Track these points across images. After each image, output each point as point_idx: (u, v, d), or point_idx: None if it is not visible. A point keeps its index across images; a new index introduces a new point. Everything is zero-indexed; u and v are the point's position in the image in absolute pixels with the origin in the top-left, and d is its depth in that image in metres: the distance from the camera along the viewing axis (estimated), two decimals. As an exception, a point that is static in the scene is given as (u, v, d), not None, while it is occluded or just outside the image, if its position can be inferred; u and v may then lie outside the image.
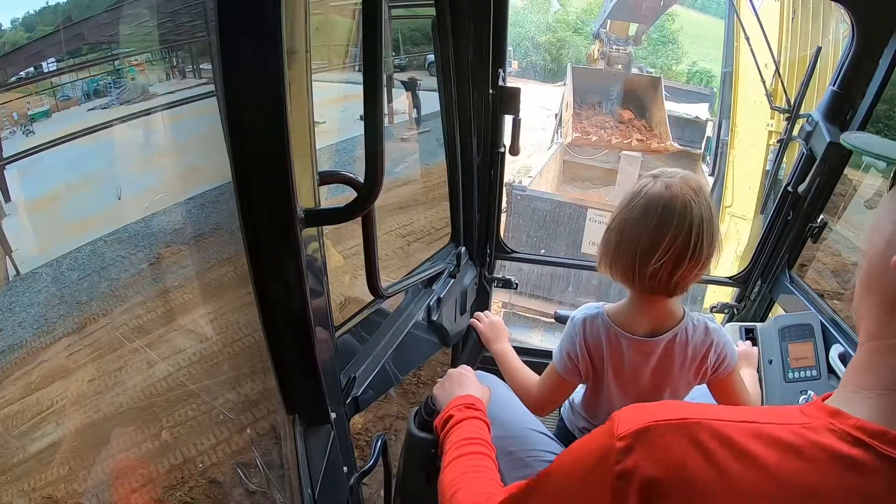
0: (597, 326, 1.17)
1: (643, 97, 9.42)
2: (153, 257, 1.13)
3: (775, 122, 4.65)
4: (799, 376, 1.63)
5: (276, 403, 0.96)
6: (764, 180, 4.67)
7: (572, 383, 1.23)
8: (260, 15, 0.68)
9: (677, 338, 1.14)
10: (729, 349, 1.18)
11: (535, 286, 7.03)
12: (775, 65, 3.15)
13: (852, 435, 0.51)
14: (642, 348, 1.15)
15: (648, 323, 1.15)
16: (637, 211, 1.04)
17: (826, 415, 0.54)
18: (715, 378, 1.19)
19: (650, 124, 9.29)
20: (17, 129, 0.83)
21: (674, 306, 1.15)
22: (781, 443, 0.52)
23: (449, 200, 1.79)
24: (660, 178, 1.06)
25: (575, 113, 9.06)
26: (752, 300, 2.07)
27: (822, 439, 0.51)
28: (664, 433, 0.55)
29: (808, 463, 0.51)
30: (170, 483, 1.20)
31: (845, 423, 0.52)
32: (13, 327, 0.90)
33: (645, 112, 9.41)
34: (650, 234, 1.03)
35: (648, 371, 1.16)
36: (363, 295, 1.18)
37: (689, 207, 1.02)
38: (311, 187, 0.83)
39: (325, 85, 1.77)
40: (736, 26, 5.31)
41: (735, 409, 0.60)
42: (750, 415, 0.56)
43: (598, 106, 9.39)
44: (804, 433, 0.52)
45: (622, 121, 9.31)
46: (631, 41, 9.32)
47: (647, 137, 9.05)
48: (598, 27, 9.63)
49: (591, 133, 8.87)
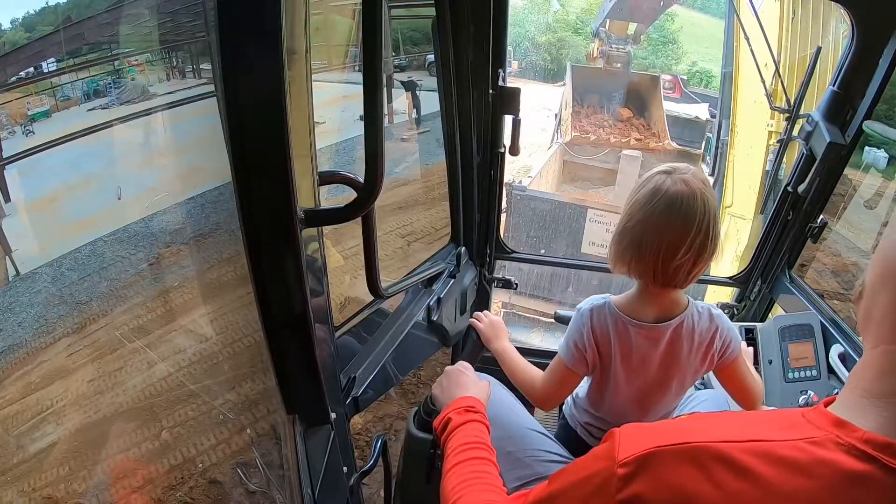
0: (604, 315, 1.18)
1: (642, 96, 9.48)
2: (153, 257, 1.13)
3: (775, 122, 4.63)
4: (799, 376, 1.63)
5: (276, 403, 0.96)
6: (764, 180, 4.67)
7: (579, 375, 1.24)
8: (260, 15, 0.68)
9: (684, 324, 1.16)
10: (733, 334, 1.20)
11: (535, 286, 7.02)
12: (775, 65, 3.16)
13: (858, 448, 0.49)
14: (650, 334, 1.16)
15: (655, 311, 1.16)
16: (660, 208, 1.05)
17: (831, 425, 0.52)
18: (721, 363, 1.20)
19: (649, 122, 9.36)
20: (17, 129, 0.83)
21: (679, 295, 1.17)
22: (787, 461, 0.51)
23: (449, 200, 1.79)
24: (673, 174, 1.07)
25: (574, 111, 9.12)
26: (752, 300, 2.07)
27: (828, 455, 0.50)
28: (668, 459, 0.54)
29: (815, 481, 0.49)
30: (170, 483, 1.20)
31: (852, 436, 0.50)
32: (13, 327, 0.90)
33: (644, 110, 9.47)
34: (677, 231, 1.05)
35: (657, 358, 1.17)
36: (363, 295, 1.18)
37: (706, 202, 1.05)
38: (311, 187, 0.83)
39: (325, 85, 1.77)
40: (736, 26, 5.31)
41: (739, 422, 0.58)
42: (755, 431, 0.54)
43: (597, 104, 9.45)
44: (810, 449, 0.51)
45: (621, 119, 9.37)
46: (630, 40, 9.34)
47: (646, 136, 9.12)
48: (597, 26, 9.66)
49: (589, 132, 8.94)
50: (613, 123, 9.25)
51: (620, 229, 1.12)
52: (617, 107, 9.43)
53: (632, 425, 0.61)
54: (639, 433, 0.58)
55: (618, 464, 0.55)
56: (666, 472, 0.53)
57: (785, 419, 0.56)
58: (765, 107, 4.30)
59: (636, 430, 0.59)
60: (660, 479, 0.53)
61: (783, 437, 0.52)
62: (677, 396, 1.26)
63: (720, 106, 6.53)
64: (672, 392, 1.23)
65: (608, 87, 9.33)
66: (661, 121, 9.18)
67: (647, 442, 0.55)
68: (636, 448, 0.55)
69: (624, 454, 0.56)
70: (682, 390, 1.25)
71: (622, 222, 1.12)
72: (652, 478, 0.54)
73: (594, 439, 1.30)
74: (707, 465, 0.52)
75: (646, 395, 1.22)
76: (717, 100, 8.16)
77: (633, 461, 0.55)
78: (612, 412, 1.26)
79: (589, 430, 1.31)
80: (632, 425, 0.61)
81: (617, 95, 9.40)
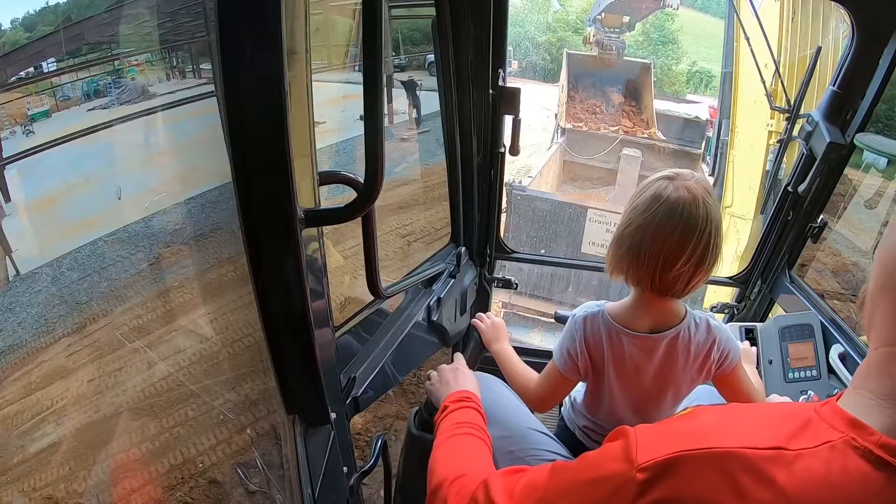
0: (598, 324, 1.17)
1: (634, 82, 9.77)
2: (153, 257, 1.13)
3: (775, 122, 4.69)
4: (799, 376, 1.63)
5: (276, 403, 0.96)
6: (764, 180, 4.69)
7: (572, 381, 1.23)
8: (260, 15, 0.68)
9: (680, 335, 1.14)
10: (731, 345, 1.18)
11: (535, 286, 7.04)
12: (775, 65, 3.16)
13: (875, 454, 0.50)
14: (644, 345, 1.15)
15: (651, 321, 1.15)
16: (660, 215, 1.03)
17: (846, 426, 0.52)
18: (720, 374, 1.19)
19: (639, 107, 9.65)
20: (17, 129, 0.83)
21: (677, 305, 1.15)
22: (808, 472, 0.51)
23: (449, 200, 1.79)
24: (676, 180, 1.04)
25: (570, 96, 9.36)
26: (752, 300, 2.07)
27: (846, 463, 0.50)
28: (692, 465, 0.53)
29: (834, 490, 0.50)
30: (170, 483, 1.20)
31: (868, 440, 0.50)
32: (13, 327, 0.90)
33: (636, 96, 9.75)
34: (677, 239, 1.02)
35: (651, 369, 1.16)
36: (363, 295, 1.18)
37: (709, 211, 1.02)
38: (311, 187, 0.83)
39: (325, 85, 1.77)
40: (736, 26, 5.33)
41: (755, 422, 0.57)
42: (774, 435, 0.54)
43: (591, 88, 9.76)
44: (829, 457, 0.51)
45: (612, 103, 9.66)
46: (625, 27, 9.86)
47: (635, 123, 9.42)
48: (593, 15, 10.14)
49: (582, 119, 9.21)
50: (606, 109, 9.50)
51: (619, 235, 1.10)
52: (610, 91, 9.67)
53: (647, 426, 0.59)
54: (657, 435, 0.57)
55: (636, 468, 0.54)
56: (689, 478, 0.52)
57: (799, 417, 0.55)
58: (765, 106, 4.33)
59: (654, 432, 0.58)
60: (683, 486, 0.52)
61: (803, 446, 0.52)
62: (673, 405, 1.25)
63: (720, 105, 6.56)
64: (668, 402, 1.22)
65: (602, 73, 9.69)
66: (649, 108, 9.48)
67: (669, 446, 0.54)
68: (656, 452, 0.54)
69: (643, 458, 0.54)
70: (678, 400, 1.24)
71: (621, 227, 1.09)
72: (675, 485, 0.53)
73: (593, 442, 1.30)
74: (732, 473, 0.51)
75: (642, 404, 1.21)
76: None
77: (654, 466, 0.54)
78: (608, 418, 1.25)
79: (587, 434, 1.31)
80: (647, 426, 0.59)
81: (610, 81, 9.70)
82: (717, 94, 9.23)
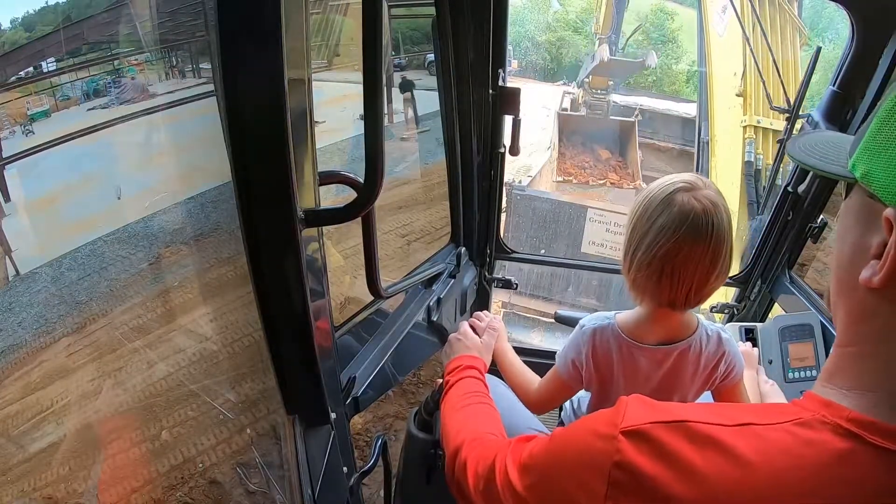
0: (607, 338, 1.14)
1: (620, 138, 10.60)
2: (153, 257, 1.13)
3: (748, 116, 5.05)
4: (799, 376, 1.63)
5: (276, 403, 0.96)
6: (744, 173, 4.85)
7: (574, 389, 1.22)
8: (260, 15, 0.68)
9: (691, 348, 1.12)
10: (738, 360, 1.17)
11: (535, 286, 7.04)
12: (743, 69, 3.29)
13: (843, 427, 0.51)
14: (654, 356, 1.12)
15: (664, 333, 1.12)
16: (691, 236, 0.98)
17: (819, 405, 0.54)
18: (721, 387, 1.18)
19: (625, 162, 10.41)
20: (16, 129, 0.83)
21: (689, 316, 1.13)
22: (773, 443, 0.53)
23: (449, 200, 1.79)
24: (695, 191, 0.99)
25: (560, 153, 10.20)
26: (752, 300, 2.07)
27: (814, 435, 0.52)
28: (663, 432, 0.56)
29: (800, 461, 0.51)
30: (170, 483, 1.20)
31: (838, 415, 0.52)
32: (13, 327, 0.90)
33: (622, 152, 10.56)
34: (709, 258, 0.99)
35: (658, 378, 1.14)
36: (363, 295, 1.18)
37: (722, 222, 0.99)
38: (311, 187, 0.83)
39: (325, 85, 1.77)
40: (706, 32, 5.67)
41: (732, 409, 0.60)
42: (745, 416, 0.57)
43: (580, 146, 10.63)
44: (797, 431, 0.53)
45: (600, 160, 10.45)
46: (610, 89, 11.10)
47: (622, 176, 10.16)
48: (581, 79, 11.59)
49: (572, 174, 9.98)
50: (594, 164, 10.31)
51: (645, 257, 1.02)
52: (597, 148, 10.58)
53: (640, 398, 0.63)
54: (645, 406, 0.61)
55: (620, 429, 0.59)
56: (661, 442, 0.56)
57: (777, 406, 0.60)
58: (738, 105, 4.92)
59: (642, 403, 0.62)
60: (653, 448, 0.56)
61: (772, 421, 0.55)
62: None
63: (699, 107, 6.66)
64: None
65: (590, 132, 10.64)
66: (634, 162, 10.14)
67: (651, 416, 0.59)
68: (638, 420, 0.59)
69: (627, 422, 0.59)
70: None
71: (645, 247, 1.01)
72: (645, 447, 0.57)
73: None
74: (699, 443, 0.55)
75: None
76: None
77: (633, 430, 0.58)
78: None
79: None
80: (640, 398, 0.63)
81: (597, 138, 10.66)
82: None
